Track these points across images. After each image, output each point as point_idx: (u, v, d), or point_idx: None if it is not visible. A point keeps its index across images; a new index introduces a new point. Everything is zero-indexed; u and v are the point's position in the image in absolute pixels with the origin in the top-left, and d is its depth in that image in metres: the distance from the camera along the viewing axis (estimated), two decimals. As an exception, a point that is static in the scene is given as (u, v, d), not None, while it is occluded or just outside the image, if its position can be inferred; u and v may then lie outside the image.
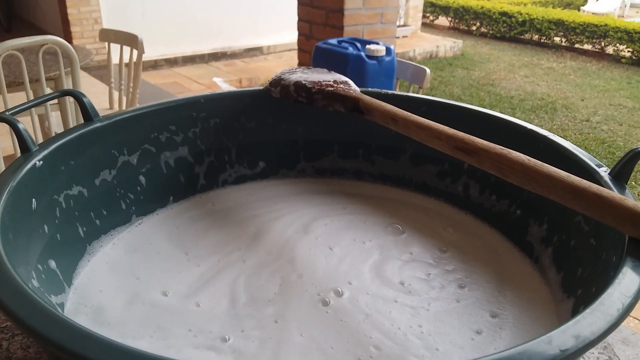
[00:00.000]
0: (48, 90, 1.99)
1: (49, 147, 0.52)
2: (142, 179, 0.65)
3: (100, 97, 3.24)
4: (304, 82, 0.67)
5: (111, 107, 2.42)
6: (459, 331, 0.49)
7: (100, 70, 4.14)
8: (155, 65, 5.00)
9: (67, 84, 1.82)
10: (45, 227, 0.50)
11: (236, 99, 0.71)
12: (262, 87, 0.72)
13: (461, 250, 0.61)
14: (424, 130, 0.56)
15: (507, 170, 0.48)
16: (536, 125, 0.63)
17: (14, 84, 1.67)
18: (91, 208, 0.58)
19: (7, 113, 0.51)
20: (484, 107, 0.71)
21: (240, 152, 0.73)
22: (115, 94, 2.41)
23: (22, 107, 0.53)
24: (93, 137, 0.58)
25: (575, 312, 0.48)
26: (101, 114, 0.60)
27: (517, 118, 0.64)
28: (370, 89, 0.72)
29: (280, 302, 0.51)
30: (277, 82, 0.70)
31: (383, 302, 0.52)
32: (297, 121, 0.74)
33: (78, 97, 0.59)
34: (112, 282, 0.54)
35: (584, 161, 0.52)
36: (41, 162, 0.50)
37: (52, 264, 0.50)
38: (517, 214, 0.62)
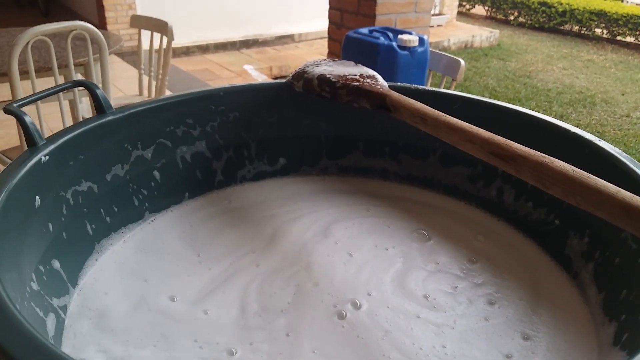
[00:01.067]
0: (78, 76, 1.99)
1: (57, 142, 0.50)
2: (156, 174, 0.62)
3: (133, 82, 3.26)
4: (328, 76, 0.63)
5: (140, 93, 2.42)
6: (487, 355, 0.44)
7: (134, 56, 4.17)
8: (187, 51, 5.01)
9: (96, 70, 1.81)
10: (50, 226, 0.48)
11: (257, 92, 0.68)
12: (284, 80, 0.68)
13: (492, 261, 0.56)
14: (456, 132, 0.52)
15: (548, 181, 0.44)
16: (574, 120, 0.57)
17: (44, 69, 1.67)
18: (101, 204, 0.56)
19: (14, 105, 0.49)
20: (519, 100, 0.66)
21: (260, 148, 0.70)
22: (145, 80, 2.41)
23: (30, 99, 0.51)
24: (105, 130, 0.56)
25: (618, 339, 0.44)
26: (131, 100, 0.58)
27: (554, 112, 0.59)
28: (399, 84, 0.68)
29: (293, 313, 0.48)
30: (300, 76, 0.66)
31: (404, 318, 0.48)
32: (320, 116, 0.70)
33: (90, 88, 0.56)
34: (119, 283, 0.52)
35: (637, 173, 0.46)
36: (47, 157, 0.48)
37: (56, 264, 0.48)
38: (556, 224, 0.57)
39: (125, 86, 3.51)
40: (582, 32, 6.24)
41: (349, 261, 0.55)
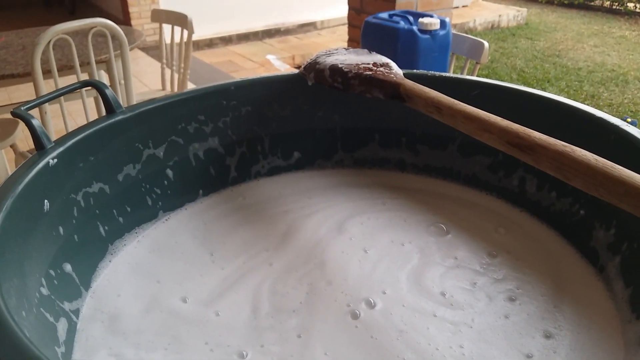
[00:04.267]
0: (101, 73, 2.02)
1: (65, 144, 0.50)
2: (169, 172, 0.62)
3: (157, 77, 3.28)
4: (340, 66, 0.61)
5: (163, 88, 2.44)
6: (507, 354, 0.43)
7: (158, 50, 4.21)
8: (210, 43, 5.03)
9: (118, 67, 1.83)
10: (61, 229, 0.48)
11: (268, 85, 0.66)
12: (296, 72, 0.67)
13: (514, 255, 0.54)
14: (472, 121, 0.50)
15: (570, 172, 0.41)
16: (606, 99, 0.54)
17: (66, 68, 1.69)
18: (113, 205, 0.56)
19: (22, 109, 0.49)
20: (549, 80, 0.63)
21: (274, 142, 0.69)
22: (168, 74, 2.42)
23: (37, 102, 0.50)
24: (115, 130, 0.55)
25: (647, 337, 0.41)
26: (155, 94, 0.57)
27: (585, 91, 0.56)
28: (415, 71, 0.65)
29: (305, 313, 0.47)
30: (312, 67, 0.64)
31: (420, 317, 0.46)
32: (334, 108, 0.69)
33: (99, 88, 0.56)
34: (132, 285, 0.51)
35: (666, 161, 0.44)
36: (55, 160, 0.48)
37: (68, 267, 0.48)
38: (581, 215, 0.55)
39: (150, 81, 3.54)
40: (614, 7, 6.00)
41: (363, 258, 0.54)
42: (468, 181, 0.67)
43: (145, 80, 3.54)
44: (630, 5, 5.89)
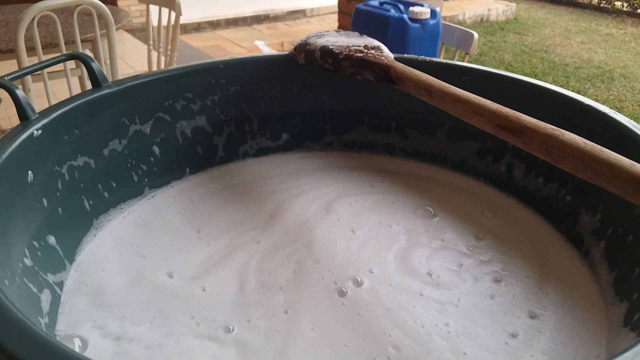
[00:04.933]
0: (86, 52, 1.98)
1: (50, 115, 0.49)
2: (155, 149, 0.61)
3: (143, 59, 3.24)
4: (330, 47, 0.61)
5: (150, 70, 2.40)
6: (492, 333, 0.43)
7: (144, 33, 4.15)
8: (198, 27, 4.97)
9: (103, 46, 1.80)
10: (45, 201, 0.47)
11: (258, 65, 0.66)
12: (286, 53, 0.66)
13: (500, 238, 0.55)
14: (462, 104, 0.50)
15: (559, 155, 0.41)
16: (592, 95, 0.55)
17: (51, 46, 1.66)
18: (99, 180, 0.55)
19: (5, 78, 0.48)
20: (536, 75, 0.64)
21: (263, 123, 0.68)
22: (154, 57, 2.39)
23: (22, 72, 0.49)
24: (101, 104, 0.54)
25: (629, 319, 0.42)
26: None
27: (572, 87, 0.57)
28: (405, 55, 0.65)
29: (292, 290, 0.47)
30: (302, 47, 0.64)
31: (407, 295, 0.47)
32: (324, 90, 0.68)
33: (85, 61, 0.55)
34: (117, 259, 0.51)
35: (652, 145, 0.44)
36: (40, 131, 0.47)
37: (52, 239, 0.47)
38: (567, 200, 0.55)
39: (136, 63, 3.49)
40: (602, 5, 6.05)
41: (351, 238, 0.54)
42: (456, 166, 0.67)
43: (132, 62, 3.49)
44: (618, 4, 5.95)
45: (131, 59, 3.58)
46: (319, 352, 0.41)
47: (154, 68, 2.38)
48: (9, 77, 0.48)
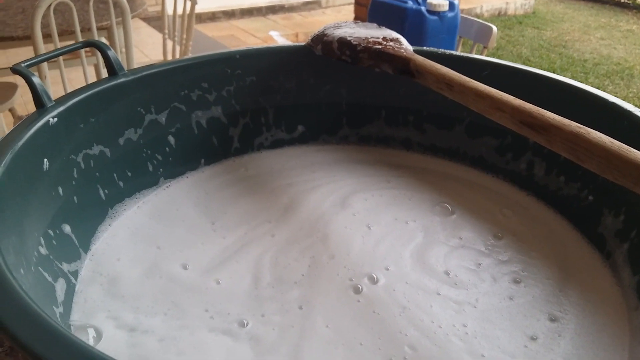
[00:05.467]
0: (102, 40, 1.98)
1: (66, 103, 0.48)
2: (171, 139, 0.61)
3: (158, 48, 3.24)
4: (348, 39, 0.60)
5: (165, 59, 2.41)
6: (510, 335, 0.42)
7: (160, 22, 4.15)
8: (213, 17, 4.96)
9: (119, 34, 1.80)
10: (60, 189, 0.47)
11: (275, 56, 0.65)
12: (303, 44, 0.65)
13: (519, 237, 0.54)
14: (483, 99, 0.48)
15: (584, 154, 0.40)
16: (611, 92, 0.53)
17: (66, 33, 1.66)
18: (114, 169, 0.55)
19: (22, 65, 0.47)
20: (554, 70, 0.62)
21: (278, 114, 0.67)
22: (169, 45, 2.39)
23: (38, 59, 0.49)
24: (117, 93, 0.54)
25: (653, 324, 0.41)
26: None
27: (590, 83, 0.55)
28: (424, 47, 0.64)
29: (307, 286, 0.46)
30: (320, 38, 0.63)
31: (423, 294, 0.46)
32: (341, 82, 0.67)
33: (101, 49, 0.54)
34: (132, 250, 0.51)
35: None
36: (56, 119, 0.46)
37: (67, 228, 0.47)
38: (589, 200, 0.54)
39: (151, 52, 3.50)
40: (622, 0, 5.95)
41: (367, 234, 0.53)
42: (474, 162, 0.66)
43: (147, 51, 3.50)
44: (639, -2, 5.83)
45: (146, 48, 3.59)
46: (334, 350, 0.40)
47: (169, 57, 2.38)
48: (25, 64, 0.48)
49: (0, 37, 1.65)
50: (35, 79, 0.46)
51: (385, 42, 0.59)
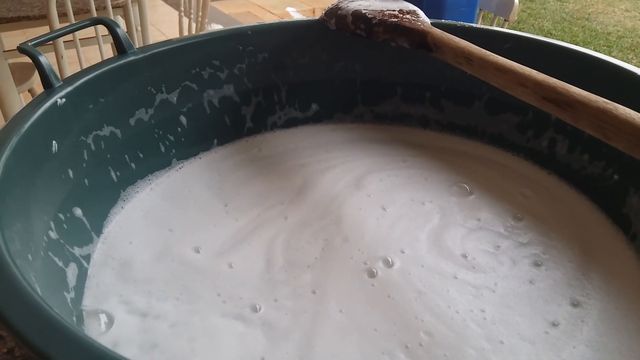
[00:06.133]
0: (118, 19, 1.97)
1: (75, 83, 0.47)
2: (183, 119, 0.59)
3: (174, 26, 3.21)
4: (363, 12, 0.58)
5: (180, 36, 2.39)
6: (531, 321, 0.41)
7: (175, -1, 4.12)
8: (228, -7, 4.90)
9: (134, 12, 1.78)
10: (70, 172, 0.46)
11: (287, 31, 0.63)
12: (317, 18, 0.63)
13: (540, 218, 0.52)
14: (505, 74, 0.46)
15: (611, 131, 0.38)
16: (636, 65, 0.50)
17: (82, 12, 1.65)
18: (125, 150, 0.54)
19: (29, 44, 0.46)
20: (576, 44, 0.60)
21: (291, 92, 0.66)
22: (185, 23, 2.37)
23: (45, 38, 0.48)
24: (126, 71, 0.53)
25: (681, 310, 0.39)
26: None
27: (614, 57, 0.52)
28: (443, 20, 0.61)
29: (320, 269, 0.45)
30: (334, 12, 0.60)
31: (440, 278, 0.44)
32: (355, 58, 0.65)
33: (110, 26, 0.53)
34: (144, 232, 0.50)
35: None
36: (64, 100, 0.46)
37: (78, 211, 0.46)
38: (614, 179, 0.52)
39: (167, 30, 3.48)
40: (651, -32, 5.71)
41: (381, 216, 0.52)
42: (494, 141, 0.63)
43: (163, 29, 3.48)
44: (668, -34, 5.59)
45: (163, 26, 3.57)
46: (347, 336, 0.39)
47: (185, 34, 2.36)
48: (32, 43, 0.47)
49: (17, 17, 1.65)
50: (42, 59, 0.45)
51: (401, 15, 0.57)
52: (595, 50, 0.54)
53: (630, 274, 0.45)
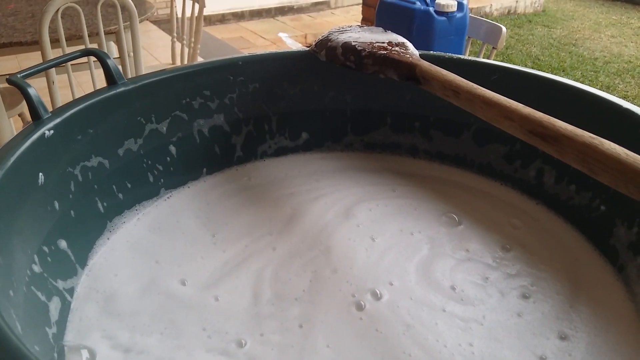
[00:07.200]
0: (110, 45, 1.99)
1: (63, 115, 0.47)
2: (172, 148, 0.59)
3: (168, 51, 3.24)
4: (353, 44, 0.58)
5: (173, 62, 2.41)
6: (518, 355, 0.40)
7: (170, 24, 4.16)
8: (222, 19, 4.96)
9: (127, 39, 1.80)
10: (56, 204, 0.46)
11: (278, 62, 0.63)
12: (307, 49, 0.64)
13: (528, 249, 0.52)
14: (491, 107, 0.47)
15: (597, 167, 0.38)
16: (621, 91, 0.51)
17: (75, 37, 1.66)
18: (113, 181, 0.54)
19: (18, 76, 0.46)
20: (564, 69, 0.60)
21: (282, 122, 0.66)
22: (178, 48, 2.39)
23: (35, 69, 0.48)
24: (116, 102, 0.53)
25: (670, 344, 0.39)
26: (164, 68, 0.55)
27: (601, 82, 0.53)
28: (431, 52, 0.62)
29: (308, 302, 0.45)
30: (324, 44, 0.61)
31: (428, 311, 0.44)
32: (345, 88, 0.66)
33: (100, 57, 0.53)
34: (130, 264, 0.49)
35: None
36: (52, 132, 0.45)
37: (63, 244, 0.46)
38: (601, 211, 0.52)
39: (160, 54, 3.50)
40: (636, -4, 5.86)
41: (371, 246, 0.52)
42: (482, 170, 0.64)
43: (156, 54, 3.50)
44: (652, -5, 5.74)
45: (156, 51, 3.59)
46: (335, 371, 0.39)
47: (178, 60, 2.38)
48: (21, 75, 0.47)
49: (10, 42, 1.65)
50: (32, 90, 0.46)
51: (390, 47, 0.58)
52: (583, 76, 0.55)
53: (618, 306, 0.45)
